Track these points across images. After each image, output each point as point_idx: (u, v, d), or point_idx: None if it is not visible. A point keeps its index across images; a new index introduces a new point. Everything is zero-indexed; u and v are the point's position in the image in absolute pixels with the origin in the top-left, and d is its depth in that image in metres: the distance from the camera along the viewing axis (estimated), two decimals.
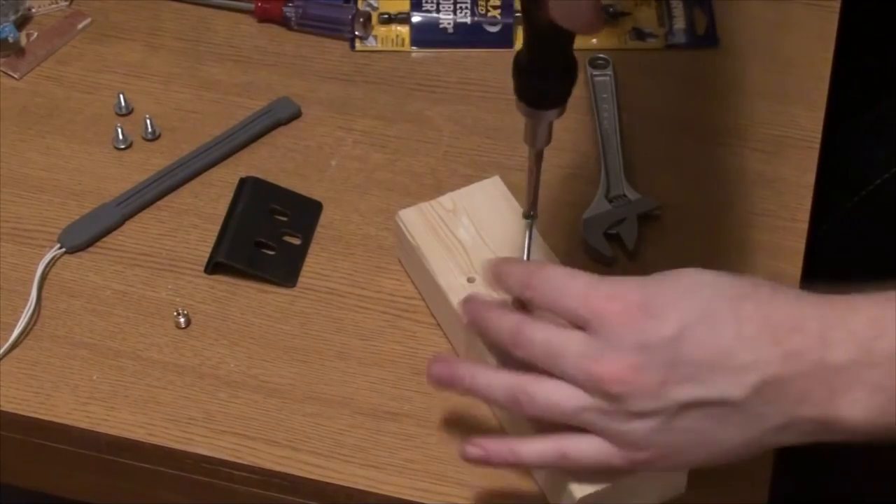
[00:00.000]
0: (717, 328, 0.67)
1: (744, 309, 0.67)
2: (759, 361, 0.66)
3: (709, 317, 0.67)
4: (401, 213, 0.88)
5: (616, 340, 0.67)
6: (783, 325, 0.66)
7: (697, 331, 0.67)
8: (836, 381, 0.65)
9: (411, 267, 0.89)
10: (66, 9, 1.08)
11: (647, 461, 0.70)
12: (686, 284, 0.69)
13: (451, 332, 0.85)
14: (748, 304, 0.67)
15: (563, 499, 0.75)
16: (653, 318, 0.67)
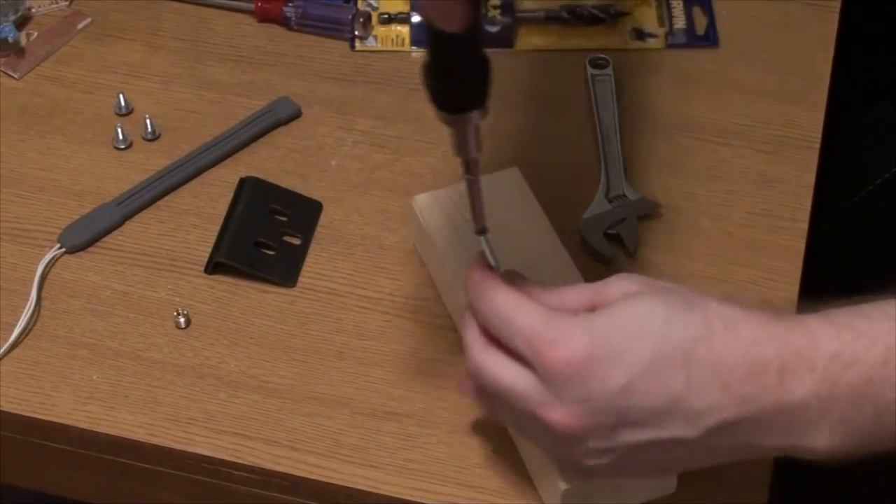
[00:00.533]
0: (667, 377, 0.65)
1: (695, 354, 0.65)
2: (712, 407, 0.65)
3: (657, 366, 0.65)
4: (416, 199, 0.88)
5: (562, 392, 0.66)
6: (737, 370, 0.65)
7: (646, 381, 0.65)
8: (797, 417, 0.65)
9: (425, 253, 0.89)
10: (66, 9, 1.08)
11: (595, 477, 0.71)
12: (635, 329, 0.66)
13: (457, 319, 0.85)
14: (700, 347, 0.65)
15: (550, 491, 0.76)
16: (599, 370, 0.66)
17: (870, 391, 0.64)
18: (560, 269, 0.85)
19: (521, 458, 0.80)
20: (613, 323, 0.67)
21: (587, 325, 0.67)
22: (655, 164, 0.96)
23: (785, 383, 0.65)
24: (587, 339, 0.66)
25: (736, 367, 0.65)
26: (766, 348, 0.65)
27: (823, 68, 1.02)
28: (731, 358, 0.65)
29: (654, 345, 0.66)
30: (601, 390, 0.66)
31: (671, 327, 0.66)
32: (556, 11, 1.05)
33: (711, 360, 0.65)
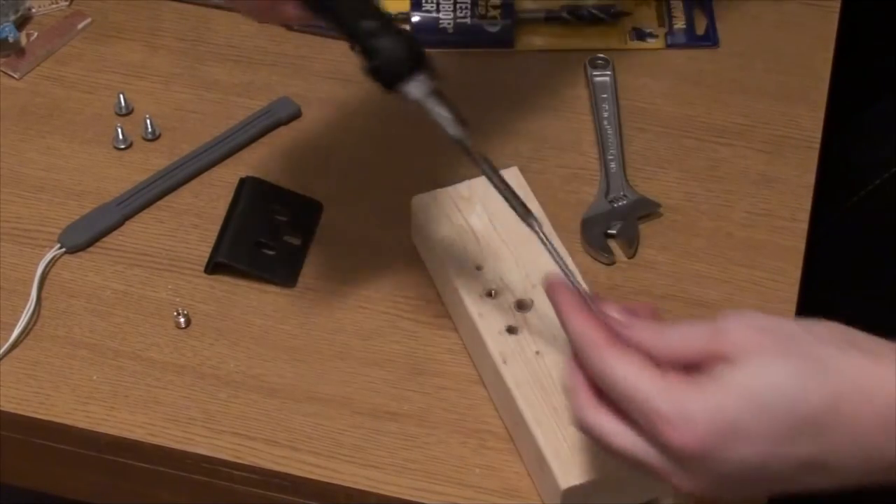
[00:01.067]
0: (799, 447, 0.63)
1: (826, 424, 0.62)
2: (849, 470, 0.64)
3: (790, 437, 0.63)
4: (416, 199, 0.88)
5: (687, 468, 0.64)
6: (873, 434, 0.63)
7: (777, 453, 0.63)
8: None
9: (424, 251, 0.89)
10: (66, 9, 1.08)
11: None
12: (763, 403, 0.62)
13: (457, 319, 0.86)
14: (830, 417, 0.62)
15: (550, 491, 0.76)
16: (726, 450, 0.63)
17: None
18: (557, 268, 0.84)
19: (521, 459, 0.80)
20: (738, 400, 0.63)
21: (710, 405, 0.63)
22: (655, 164, 0.96)
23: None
24: (710, 423, 0.63)
25: (872, 438, 0.63)
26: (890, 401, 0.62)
27: (823, 68, 1.02)
28: (865, 435, 0.63)
29: (785, 419, 0.62)
30: (730, 465, 0.63)
31: (803, 399, 0.62)
32: (556, 11, 1.05)
33: (845, 427, 0.63)
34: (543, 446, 0.76)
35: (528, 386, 0.79)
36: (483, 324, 0.82)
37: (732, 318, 0.65)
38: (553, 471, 0.75)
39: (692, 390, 0.63)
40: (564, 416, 0.77)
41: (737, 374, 0.63)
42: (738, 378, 0.63)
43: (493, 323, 0.82)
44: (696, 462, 0.63)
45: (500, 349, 0.80)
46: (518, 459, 0.80)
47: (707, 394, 0.63)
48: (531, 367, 0.79)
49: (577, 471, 0.75)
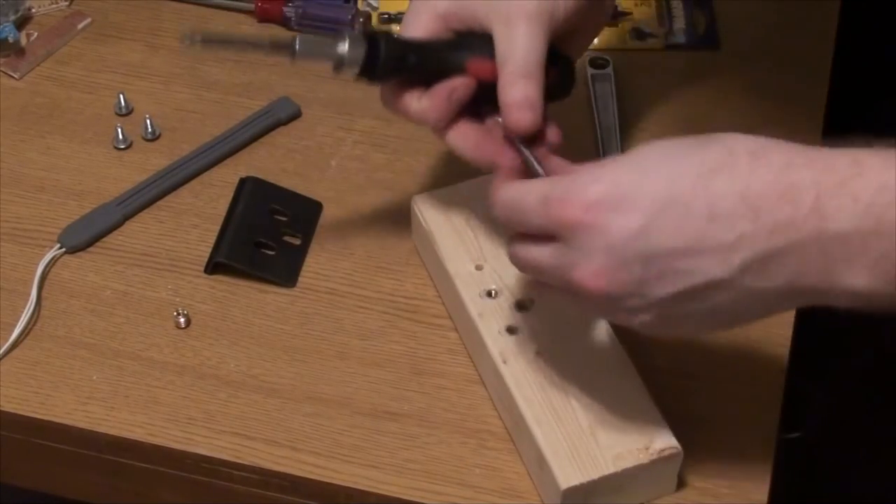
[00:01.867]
0: (687, 212, 0.62)
1: (715, 185, 0.62)
2: (742, 238, 0.61)
3: (675, 201, 0.62)
4: (416, 198, 0.88)
5: (584, 247, 0.64)
6: (768, 196, 0.61)
7: (665, 218, 0.62)
8: (836, 250, 0.60)
9: (424, 252, 0.89)
10: (66, 9, 1.08)
11: (655, 334, 0.68)
12: (647, 165, 0.63)
13: (457, 318, 0.86)
14: (721, 178, 0.62)
15: (550, 491, 0.76)
16: (613, 213, 0.63)
17: None
18: None
19: (521, 458, 0.80)
20: (621, 166, 0.64)
21: (596, 173, 0.64)
22: None
23: (823, 211, 0.60)
24: (598, 186, 0.64)
25: (766, 193, 0.61)
26: (803, 173, 0.61)
27: (823, 68, 1.02)
28: (759, 184, 0.61)
29: (669, 180, 0.62)
30: (619, 237, 0.63)
31: (687, 162, 0.62)
32: None
33: (736, 188, 0.61)
34: (543, 446, 0.76)
35: (527, 386, 0.79)
36: (483, 324, 0.82)
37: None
38: (553, 471, 0.75)
39: (579, 171, 0.66)
40: (564, 416, 0.77)
41: (622, 155, 0.65)
42: (623, 156, 0.65)
43: (493, 323, 0.82)
44: (589, 233, 0.64)
45: (499, 349, 0.80)
46: (518, 459, 0.80)
47: (592, 170, 0.65)
48: (531, 366, 0.79)
49: (577, 471, 0.75)
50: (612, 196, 0.63)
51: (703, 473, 0.79)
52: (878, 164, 0.60)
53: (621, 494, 0.77)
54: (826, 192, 0.60)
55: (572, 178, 0.65)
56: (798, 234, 0.61)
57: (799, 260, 0.61)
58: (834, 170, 0.61)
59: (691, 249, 0.62)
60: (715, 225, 0.62)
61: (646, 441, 0.76)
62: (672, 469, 0.77)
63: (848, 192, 0.60)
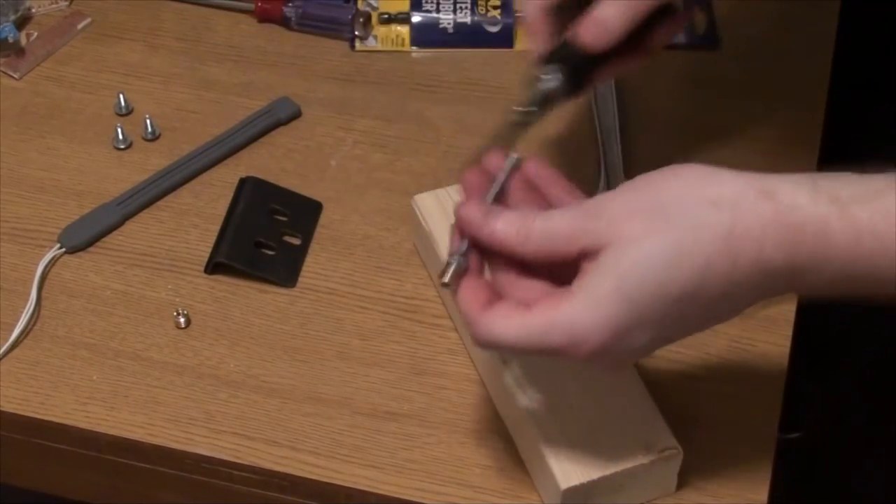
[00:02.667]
0: (682, 325, 0.67)
1: (693, 306, 0.66)
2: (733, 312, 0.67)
3: (667, 326, 0.66)
4: (416, 198, 0.88)
5: (597, 364, 0.68)
6: (753, 280, 0.66)
7: (664, 335, 0.67)
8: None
9: (424, 252, 0.89)
10: (66, 9, 1.08)
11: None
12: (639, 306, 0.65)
13: (457, 319, 0.86)
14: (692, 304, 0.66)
15: (550, 491, 0.76)
16: (622, 347, 0.66)
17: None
18: None
19: (521, 458, 0.80)
20: (617, 305, 0.65)
21: (593, 320, 0.65)
22: (655, 165, 0.95)
23: (796, 284, 0.65)
24: (600, 335, 0.65)
25: (748, 280, 0.65)
26: (777, 259, 0.64)
27: (823, 68, 1.02)
28: (743, 279, 0.65)
29: (664, 304, 0.65)
30: (633, 349, 0.67)
31: (674, 280, 0.65)
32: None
33: (703, 305, 0.66)
34: (543, 446, 0.76)
35: (528, 386, 0.79)
36: None
37: (608, 198, 0.67)
38: (553, 471, 0.75)
39: (570, 310, 0.66)
40: (565, 416, 0.77)
41: (606, 277, 0.65)
42: (608, 282, 0.65)
43: None
44: (602, 358, 0.67)
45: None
46: (518, 459, 0.80)
47: (586, 307, 0.65)
48: (531, 366, 0.79)
49: (577, 471, 0.75)
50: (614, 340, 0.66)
51: (703, 473, 0.79)
52: (848, 240, 0.64)
53: (621, 494, 0.77)
54: (797, 275, 0.65)
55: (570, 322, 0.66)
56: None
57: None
58: (804, 250, 0.64)
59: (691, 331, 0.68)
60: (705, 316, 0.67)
61: (646, 441, 0.76)
62: (672, 469, 0.77)
63: (817, 269, 0.65)
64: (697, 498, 0.79)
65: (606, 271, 0.65)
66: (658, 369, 0.82)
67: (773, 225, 0.64)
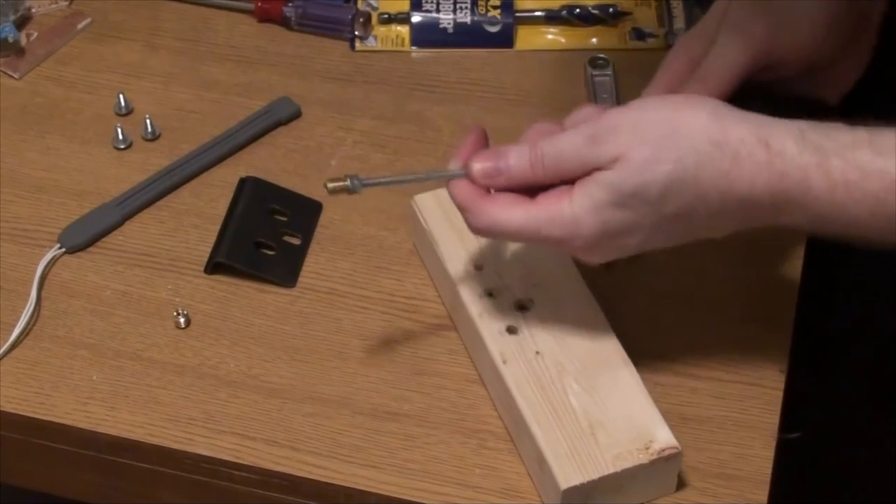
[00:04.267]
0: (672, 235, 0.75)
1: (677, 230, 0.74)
2: (713, 228, 0.75)
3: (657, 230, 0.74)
4: (416, 198, 0.88)
5: (586, 250, 0.75)
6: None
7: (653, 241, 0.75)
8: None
9: (424, 252, 0.89)
10: (66, 9, 1.08)
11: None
12: (631, 213, 0.73)
13: (457, 319, 0.86)
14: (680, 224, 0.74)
15: (550, 491, 0.76)
16: (609, 244, 0.74)
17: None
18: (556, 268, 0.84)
19: (521, 458, 0.80)
20: (620, 213, 0.73)
21: (598, 225, 0.74)
22: None
23: (778, 219, 0.73)
24: (597, 234, 0.74)
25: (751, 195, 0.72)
26: (764, 198, 0.72)
27: None
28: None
29: (650, 220, 0.73)
30: (624, 245, 0.75)
31: (664, 209, 0.73)
32: (556, 11, 1.05)
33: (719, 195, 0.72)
34: (543, 446, 0.76)
35: (527, 386, 0.79)
36: (483, 324, 0.82)
37: (603, 133, 0.74)
38: (553, 471, 0.75)
39: (570, 209, 0.74)
40: (564, 416, 0.77)
41: (610, 190, 0.73)
42: (612, 195, 0.73)
43: (493, 323, 0.82)
44: (593, 253, 0.75)
45: (500, 349, 0.80)
46: (518, 459, 0.80)
47: (586, 210, 0.73)
48: (531, 367, 0.79)
49: (577, 471, 0.75)
50: (609, 233, 0.74)
51: (703, 473, 0.79)
52: (823, 187, 0.71)
53: (621, 494, 0.76)
54: (781, 208, 0.73)
55: (571, 218, 0.74)
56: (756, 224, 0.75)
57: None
58: (786, 191, 0.72)
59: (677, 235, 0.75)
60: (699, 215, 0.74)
61: (646, 441, 0.76)
62: (672, 469, 0.77)
63: (798, 208, 0.72)
64: (697, 498, 0.79)
65: (611, 185, 0.72)
66: (658, 369, 0.82)
67: (763, 168, 0.71)
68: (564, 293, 0.82)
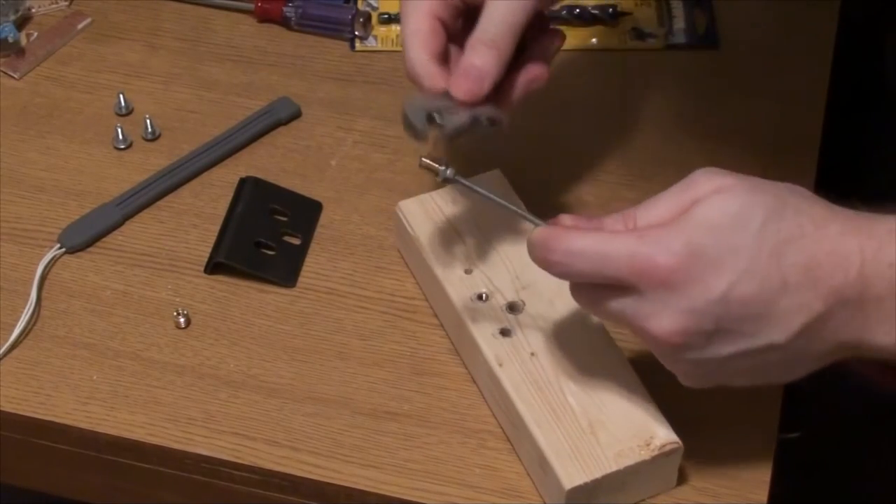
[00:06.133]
0: (764, 283, 0.67)
1: (787, 257, 0.67)
2: (802, 305, 0.67)
3: (754, 272, 0.67)
4: (401, 204, 0.88)
5: (664, 301, 0.68)
6: (825, 266, 0.67)
7: (743, 288, 0.67)
8: (873, 312, 0.67)
9: (410, 258, 0.89)
10: (66, 9, 1.08)
11: (696, 385, 0.73)
12: (732, 237, 0.67)
13: (447, 323, 0.86)
14: (792, 250, 0.67)
15: (553, 491, 0.76)
16: (699, 279, 0.67)
17: None
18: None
19: (521, 458, 0.80)
20: (710, 231, 0.68)
21: (685, 236, 0.68)
22: (655, 164, 0.96)
23: (865, 276, 0.67)
24: (686, 247, 0.67)
25: (825, 262, 0.67)
26: (851, 241, 0.67)
27: (823, 68, 1.02)
28: (821, 254, 0.67)
29: (750, 252, 0.67)
30: (701, 298, 0.67)
31: (766, 233, 0.67)
32: (556, 11, 1.05)
33: (803, 260, 0.67)
34: (545, 447, 0.76)
35: (525, 387, 0.79)
36: (476, 328, 0.81)
37: (700, 172, 0.71)
38: (556, 471, 0.75)
39: (666, 228, 0.69)
40: (563, 416, 0.77)
41: (707, 208, 0.68)
42: (709, 211, 0.68)
43: (487, 326, 0.82)
44: (672, 291, 0.68)
45: (494, 352, 0.80)
46: (518, 459, 0.80)
47: (681, 230, 0.68)
48: (527, 368, 0.79)
49: (580, 470, 0.75)
50: (699, 261, 0.67)
51: (703, 473, 0.79)
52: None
53: (623, 492, 0.77)
54: (868, 258, 0.67)
55: (662, 234, 0.69)
56: (844, 299, 0.67)
57: (842, 320, 0.68)
58: (874, 236, 0.68)
59: (761, 317, 0.68)
60: (784, 296, 0.67)
61: (646, 437, 0.76)
62: (673, 464, 0.77)
63: (884, 258, 0.67)
64: (697, 497, 0.79)
65: (708, 212, 0.68)
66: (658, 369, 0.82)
67: (856, 216, 0.69)
68: (555, 294, 0.82)
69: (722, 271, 0.67)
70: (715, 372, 0.71)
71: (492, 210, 0.85)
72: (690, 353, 0.69)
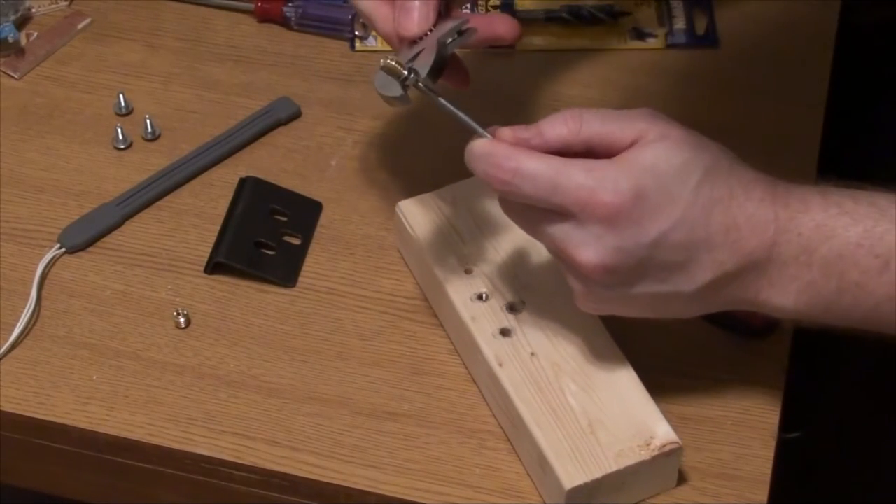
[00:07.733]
0: (690, 235, 0.71)
1: (715, 216, 0.71)
2: (716, 262, 0.71)
3: (685, 223, 0.71)
4: (400, 204, 0.88)
5: (599, 236, 0.71)
6: (743, 230, 0.71)
7: (674, 237, 0.71)
8: (776, 275, 0.72)
9: (410, 258, 0.89)
10: (66, 9, 1.08)
11: (589, 310, 0.76)
12: (672, 187, 0.70)
13: (447, 323, 0.86)
14: (719, 209, 0.71)
15: (553, 491, 0.76)
16: (636, 223, 0.70)
17: (838, 267, 0.71)
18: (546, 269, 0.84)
19: (521, 458, 0.80)
20: (655, 177, 0.71)
21: (633, 178, 0.70)
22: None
23: (776, 245, 0.71)
24: (632, 189, 0.70)
25: (744, 225, 0.71)
26: (768, 208, 0.71)
27: (823, 68, 1.02)
28: (742, 218, 0.71)
29: (685, 205, 0.71)
30: (633, 240, 0.71)
31: (702, 190, 0.71)
32: (556, 11, 1.05)
33: (727, 221, 0.71)
34: (545, 447, 0.76)
35: (525, 388, 0.79)
36: (476, 328, 0.81)
37: (645, 110, 0.76)
38: (556, 471, 0.75)
39: (614, 164, 0.71)
40: (563, 416, 0.77)
41: (652, 152, 0.71)
42: (655, 159, 0.71)
43: (487, 326, 0.82)
44: (609, 228, 0.71)
45: (494, 352, 0.80)
46: (518, 459, 0.80)
47: (629, 170, 0.71)
48: (527, 368, 0.79)
49: (580, 470, 0.75)
50: (640, 205, 0.70)
51: (703, 473, 0.79)
52: (819, 204, 0.71)
53: (623, 492, 0.77)
54: (781, 226, 0.71)
55: (605, 173, 0.71)
56: (753, 262, 0.72)
57: (747, 280, 0.72)
58: (789, 205, 0.72)
59: (679, 266, 0.72)
60: (704, 251, 0.71)
61: (646, 437, 0.76)
62: (673, 464, 0.77)
63: (796, 228, 0.71)
64: (697, 497, 0.79)
65: (658, 156, 0.71)
66: (658, 369, 0.82)
67: (775, 186, 0.73)
68: (555, 294, 0.82)
69: (658, 217, 0.70)
70: (614, 302, 0.74)
71: (492, 210, 0.86)
72: (603, 286, 0.73)
